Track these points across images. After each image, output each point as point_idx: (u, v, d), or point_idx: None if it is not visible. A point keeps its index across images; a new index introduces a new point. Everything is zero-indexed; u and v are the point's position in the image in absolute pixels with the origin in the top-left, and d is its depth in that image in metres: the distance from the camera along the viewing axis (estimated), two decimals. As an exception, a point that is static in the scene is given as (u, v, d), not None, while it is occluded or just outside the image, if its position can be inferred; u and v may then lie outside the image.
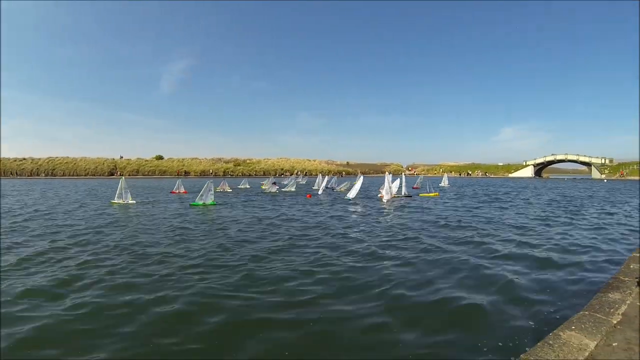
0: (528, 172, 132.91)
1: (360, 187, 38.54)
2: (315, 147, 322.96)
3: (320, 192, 44.04)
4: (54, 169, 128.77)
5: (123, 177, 34.31)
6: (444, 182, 63.98)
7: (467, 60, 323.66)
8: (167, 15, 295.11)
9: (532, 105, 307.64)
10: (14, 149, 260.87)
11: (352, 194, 36.37)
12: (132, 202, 32.33)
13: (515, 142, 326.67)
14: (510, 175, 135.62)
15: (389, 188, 34.06)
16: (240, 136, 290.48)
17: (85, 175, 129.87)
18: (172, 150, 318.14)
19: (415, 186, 54.48)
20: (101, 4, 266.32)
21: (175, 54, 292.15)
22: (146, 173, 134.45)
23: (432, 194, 41.84)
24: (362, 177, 43.36)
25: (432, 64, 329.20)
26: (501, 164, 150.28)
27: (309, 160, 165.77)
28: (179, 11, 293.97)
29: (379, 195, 40.42)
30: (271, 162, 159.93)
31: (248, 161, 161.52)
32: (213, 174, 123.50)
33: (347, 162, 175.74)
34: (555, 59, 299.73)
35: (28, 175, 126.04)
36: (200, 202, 29.86)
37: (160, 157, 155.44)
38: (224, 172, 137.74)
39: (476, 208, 28.63)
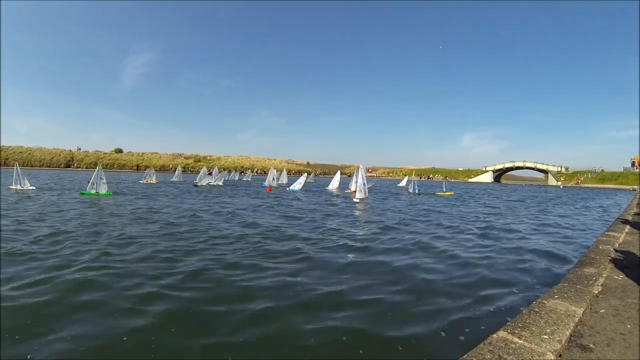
0: (487, 177, 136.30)
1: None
2: (276, 147, 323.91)
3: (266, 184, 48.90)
4: (6, 159, 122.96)
5: (17, 164, 34.34)
6: (403, 184, 70.22)
7: (431, 66, 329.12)
8: (131, 7, 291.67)
9: (492, 113, 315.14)
10: None
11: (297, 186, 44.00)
12: (30, 187, 32.88)
13: (475, 148, 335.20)
14: (470, 180, 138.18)
15: (363, 185, 31.88)
16: (201, 133, 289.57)
17: (40, 166, 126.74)
18: (132, 144, 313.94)
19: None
20: None
21: (137, 47, 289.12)
22: (104, 166, 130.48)
23: (448, 193, 46.32)
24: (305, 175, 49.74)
25: (395, 69, 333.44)
26: (461, 168, 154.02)
27: (270, 159, 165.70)
28: (144, 4, 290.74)
29: (349, 190, 43.69)
30: (231, 159, 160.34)
31: (209, 157, 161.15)
32: (173, 169, 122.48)
33: (307, 162, 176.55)
34: (516, 67, 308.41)
35: None
36: (93, 192, 28.96)
37: (119, 151, 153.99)
38: (184, 167, 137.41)
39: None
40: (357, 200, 30.41)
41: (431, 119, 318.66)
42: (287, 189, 45.38)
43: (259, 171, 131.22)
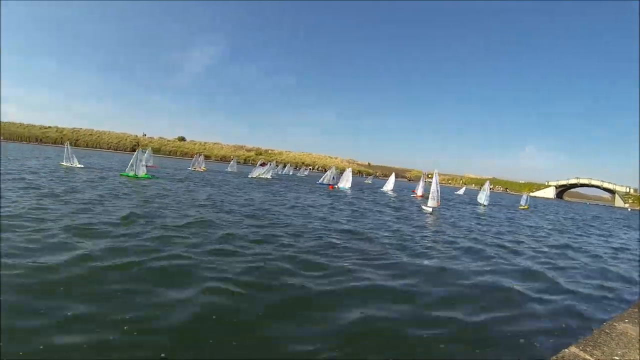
0: (550, 192, 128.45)
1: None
2: (333, 146, 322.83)
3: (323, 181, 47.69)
4: (77, 140, 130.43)
5: (67, 143, 35.54)
6: (461, 192, 66.25)
7: (499, 70, 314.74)
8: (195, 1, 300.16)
9: (557, 126, 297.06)
10: (43, 118, 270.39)
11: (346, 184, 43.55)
12: (79, 165, 34.44)
13: (535, 160, 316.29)
14: (531, 194, 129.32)
15: (437, 192, 27.51)
16: (263, 128, 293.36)
17: (107, 149, 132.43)
18: (195, 134, 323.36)
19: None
20: None
21: (203, 40, 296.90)
22: (167, 152, 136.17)
23: (525, 207, 45.09)
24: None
25: (461, 72, 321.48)
26: (522, 181, 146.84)
27: (331, 158, 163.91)
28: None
29: (413, 195, 42.79)
30: (292, 155, 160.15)
31: (270, 152, 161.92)
32: (236, 160, 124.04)
33: (369, 163, 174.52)
34: (586, 81, 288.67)
35: (52, 143, 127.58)
36: (131, 173, 28.77)
37: (182, 139, 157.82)
38: (245, 159, 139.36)
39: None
40: (429, 209, 26.60)
41: (493, 126, 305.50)
42: (336, 186, 43.75)
43: (319, 168, 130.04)
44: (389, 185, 50.06)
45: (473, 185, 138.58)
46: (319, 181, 48.88)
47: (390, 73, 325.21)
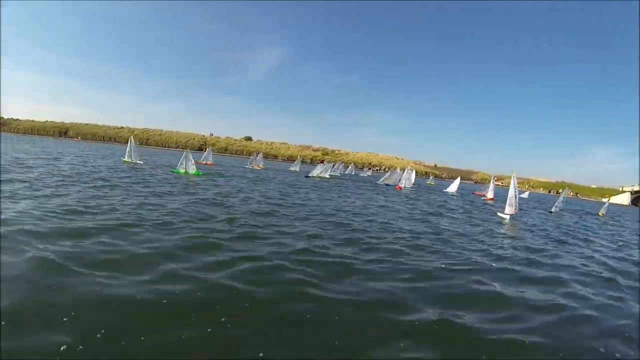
0: (624, 199, 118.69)
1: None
2: (398, 147, 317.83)
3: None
4: (147, 139, 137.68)
5: (131, 139, 37.37)
6: (525, 195, 63.86)
7: (562, 72, 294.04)
8: (257, 3, 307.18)
9: (630, 126, 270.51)
10: (114, 119, 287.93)
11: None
12: (139, 162, 36.40)
13: (611, 164, 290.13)
14: (603, 199, 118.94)
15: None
16: (329, 128, 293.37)
17: (175, 148, 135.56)
18: (262, 133, 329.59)
19: (479, 192, 53.00)
20: None
21: (266, 41, 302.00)
22: (234, 152, 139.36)
23: (600, 214, 42.33)
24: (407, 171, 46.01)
25: (528, 77, 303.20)
26: (594, 186, 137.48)
27: (397, 158, 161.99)
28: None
29: (484, 198, 42.46)
30: (359, 155, 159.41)
31: (337, 152, 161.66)
32: (301, 160, 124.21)
33: (435, 165, 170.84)
34: None
35: (124, 142, 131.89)
36: (182, 171, 29.48)
37: (249, 138, 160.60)
38: (311, 159, 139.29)
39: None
40: (506, 217, 23.86)
41: (562, 128, 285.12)
42: (403, 186, 43.36)
43: (385, 169, 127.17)
44: (453, 187, 49.52)
45: (541, 189, 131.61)
46: (379, 181, 48.73)
47: (459, 74, 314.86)
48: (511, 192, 24.14)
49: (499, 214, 25.04)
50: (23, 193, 13.28)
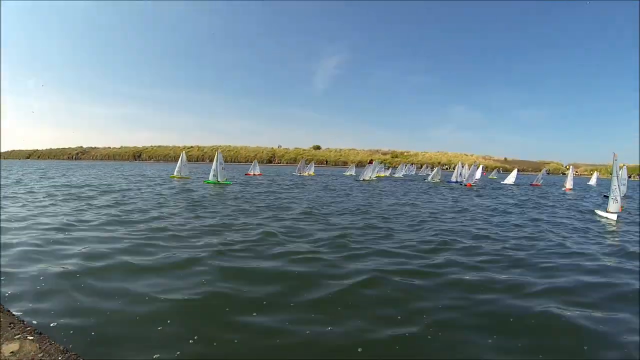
0: None
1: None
2: (472, 143, 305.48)
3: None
4: (254, 158, 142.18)
5: (183, 153, 38.98)
6: (592, 182, 60.29)
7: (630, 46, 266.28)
8: (318, 15, 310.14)
9: None
10: (183, 139, 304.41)
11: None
12: (187, 176, 37.75)
13: None
14: None
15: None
16: (397, 130, 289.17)
17: (245, 162, 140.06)
18: (330, 141, 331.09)
19: (535, 183, 50.94)
20: (258, 6, 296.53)
21: (328, 51, 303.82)
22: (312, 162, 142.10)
23: None
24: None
25: (595, 53, 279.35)
26: None
27: (467, 155, 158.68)
28: (329, 9, 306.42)
29: (564, 189, 41.44)
30: (429, 155, 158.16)
31: (405, 153, 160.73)
32: (355, 164, 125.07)
33: (505, 158, 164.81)
34: None
35: (195, 161, 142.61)
36: (214, 180, 30.33)
37: (317, 147, 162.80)
38: (381, 163, 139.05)
39: None
40: (612, 217, 18.06)
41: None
42: (465, 183, 43.41)
43: (454, 167, 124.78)
44: (510, 179, 50.80)
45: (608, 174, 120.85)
46: (450, 180, 48.40)
47: (519, 64, 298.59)
48: (614, 183, 18.55)
49: (599, 212, 19.84)
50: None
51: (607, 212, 18.50)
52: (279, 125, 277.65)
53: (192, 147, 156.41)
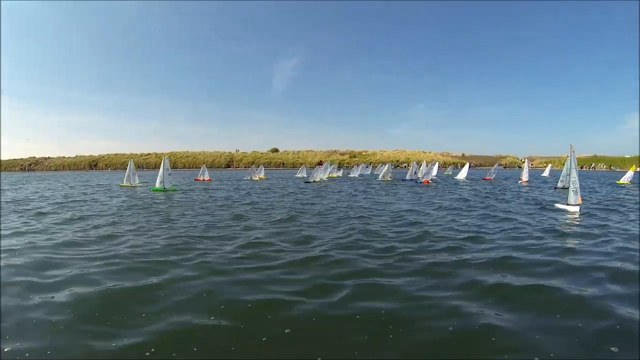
0: None
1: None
2: (431, 140, 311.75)
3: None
4: (175, 162, 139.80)
5: (131, 161, 38.75)
6: (546, 174, 64.42)
7: (582, 42, 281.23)
8: (275, 15, 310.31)
9: None
10: (140, 147, 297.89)
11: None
12: (139, 184, 37.55)
13: None
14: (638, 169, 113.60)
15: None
16: (354, 129, 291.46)
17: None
18: (289, 143, 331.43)
19: (487, 177, 52.41)
20: (213, 7, 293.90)
21: (286, 53, 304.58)
22: (261, 165, 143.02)
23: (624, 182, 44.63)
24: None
25: (545, 50, 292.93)
26: (628, 156, 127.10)
27: (425, 152, 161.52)
28: (286, 10, 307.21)
29: (521, 181, 44.13)
30: (387, 154, 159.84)
31: (364, 153, 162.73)
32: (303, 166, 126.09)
33: (463, 154, 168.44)
34: None
35: (152, 168, 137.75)
36: (161, 187, 30.23)
37: (275, 150, 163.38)
38: (339, 163, 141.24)
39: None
40: (574, 209, 17.95)
41: (591, 99, 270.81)
42: (420, 180, 44.22)
43: (407, 165, 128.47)
44: (463, 174, 53.15)
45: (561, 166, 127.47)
46: (405, 178, 48.98)
47: (478, 60, 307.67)
48: (574, 175, 18.18)
49: (560, 205, 19.55)
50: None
51: (568, 204, 18.36)
52: (238, 129, 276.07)
53: (149, 154, 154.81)
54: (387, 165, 53.88)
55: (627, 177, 44.70)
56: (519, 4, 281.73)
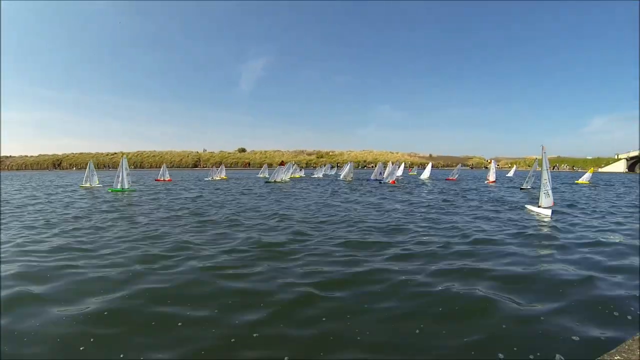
0: (620, 166, 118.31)
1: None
2: (398, 140, 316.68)
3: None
4: (142, 162, 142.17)
5: (91, 162, 38.88)
6: (511, 174, 69.09)
7: (551, 45, 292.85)
8: (243, 15, 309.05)
9: (626, 91, 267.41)
10: (106, 146, 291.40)
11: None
12: (98, 185, 37.38)
13: (606, 134, 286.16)
14: (600, 170, 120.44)
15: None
16: (322, 129, 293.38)
17: (170, 167, 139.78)
18: (256, 143, 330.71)
19: (450, 177, 52.75)
20: (181, 7, 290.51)
21: (253, 53, 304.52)
22: (229, 165, 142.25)
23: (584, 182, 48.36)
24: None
25: (515, 53, 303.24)
26: (590, 157, 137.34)
27: (392, 153, 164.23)
28: (255, 11, 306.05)
29: (487, 181, 45.66)
30: (354, 154, 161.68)
31: (331, 153, 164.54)
32: (294, 166, 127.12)
33: (430, 155, 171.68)
34: None
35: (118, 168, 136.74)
36: (119, 188, 30.65)
37: (242, 150, 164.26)
38: (306, 163, 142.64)
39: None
40: (545, 213, 16.95)
41: (556, 103, 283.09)
42: (384, 181, 44.02)
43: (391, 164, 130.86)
44: (426, 174, 55.69)
45: (538, 167, 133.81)
46: (369, 178, 50.10)
47: (443, 63, 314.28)
48: (545, 176, 17.67)
49: (530, 207, 18.91)
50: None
51: (539, 207, 17.62)
52: (206, 129, 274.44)
53: (115, 153, 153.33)
54: (348, 165, 53.82)
55: (585, 177, 49.00)
56: (485, 5, 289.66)
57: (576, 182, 49.44)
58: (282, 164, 51.16)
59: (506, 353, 4.91)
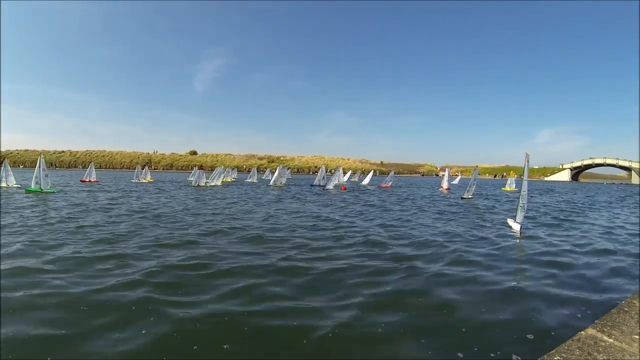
0: (564, 175, 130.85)
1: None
2: (350, 147, 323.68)
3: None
4: (91, 162, 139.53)
5: (6, 162, 38.67)
6: (456, 182, 74.02)
7: (502, 61, 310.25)
8: (200, 15, 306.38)
9: (570, 108, 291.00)
10: (53, 144, 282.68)
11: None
12: (15, 185, 36.67)
13: (552, 145, 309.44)
14: (546, 178, 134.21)
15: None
16: (274, 134, 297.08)
17: (120, 168, 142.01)
18: (208, 146, 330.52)
19: (384, 185, 52.52)
20: (138, 3, 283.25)
21: (208, 54, 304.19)
22: (180, 167, 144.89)
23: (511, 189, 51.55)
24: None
25: (468, 65, 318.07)
26: (537, 167, 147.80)
27: (343, 159, 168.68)
28: (211, 11, 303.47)
29: (441, 189, 47.58)
30: (305, 159, 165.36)
31: (282, 158, 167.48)
32: (246, 169, 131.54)
33: (381, 162, 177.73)
34: (594, 60, 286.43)
35: (66, 167, 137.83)
36: (37, 188, 29.97)
37: (194, 153, 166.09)
38: (257, 168, 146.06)
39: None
40: (516, 229, 15.86)
41: (507, 114, 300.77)
42: (326, 187, 44.01)
43: (333, 170, 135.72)
44: (366, 180, 60.17)
45: (487, 175, 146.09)
46: (313, 183, 51.84)
47: (396, 71, 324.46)
48: (524, 188, 15.91)
49: (509, 221, 17.70)
50: None
51: (516, 222, 16.43)
52: (158, 129, 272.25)
53: (63, 152, 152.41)
54: (277, 169, 50.95)
55: (509, 184, 53.07)
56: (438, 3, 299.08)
57: (502, 189, 53.42)
58: (200, 168, 52.61)
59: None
